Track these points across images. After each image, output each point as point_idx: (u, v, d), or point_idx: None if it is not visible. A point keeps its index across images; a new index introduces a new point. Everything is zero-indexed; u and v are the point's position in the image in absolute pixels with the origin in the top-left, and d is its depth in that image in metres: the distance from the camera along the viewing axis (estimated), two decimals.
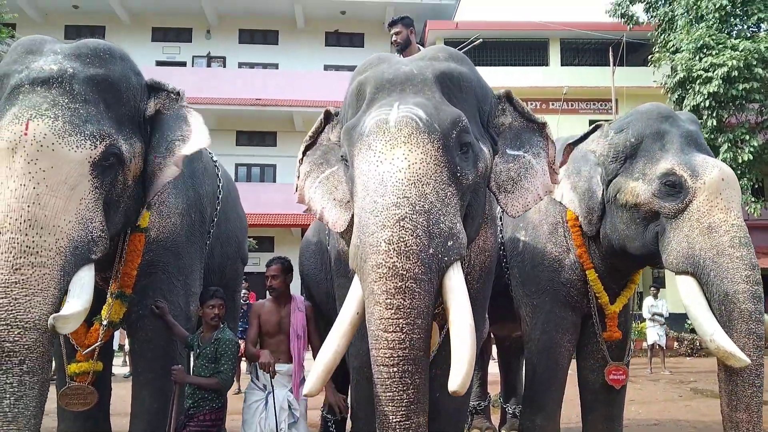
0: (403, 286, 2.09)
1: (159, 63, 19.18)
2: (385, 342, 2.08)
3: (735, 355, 2.98)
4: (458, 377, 2.08)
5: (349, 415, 3.82)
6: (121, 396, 3.88)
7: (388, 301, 2.09)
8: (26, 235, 2.35)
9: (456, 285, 2.28)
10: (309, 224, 5.53)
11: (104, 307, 3.11)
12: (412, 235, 2.14)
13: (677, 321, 14.72)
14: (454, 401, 2.90)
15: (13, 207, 2.35)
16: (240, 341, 3.83)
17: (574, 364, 4.12)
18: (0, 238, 2.33)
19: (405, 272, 2.10)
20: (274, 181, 18.84)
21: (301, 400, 3.71)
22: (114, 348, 5.86)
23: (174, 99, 3.12)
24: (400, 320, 2.08)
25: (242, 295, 9.22)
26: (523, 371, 4.91)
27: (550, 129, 3.00)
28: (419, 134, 2.30)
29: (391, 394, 2.09)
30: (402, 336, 2.07)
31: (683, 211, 3.33)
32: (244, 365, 5.26)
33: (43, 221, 2.39)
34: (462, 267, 2.42)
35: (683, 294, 3.32)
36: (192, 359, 3.68)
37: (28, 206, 2.37)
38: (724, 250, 3.17)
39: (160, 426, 3.31)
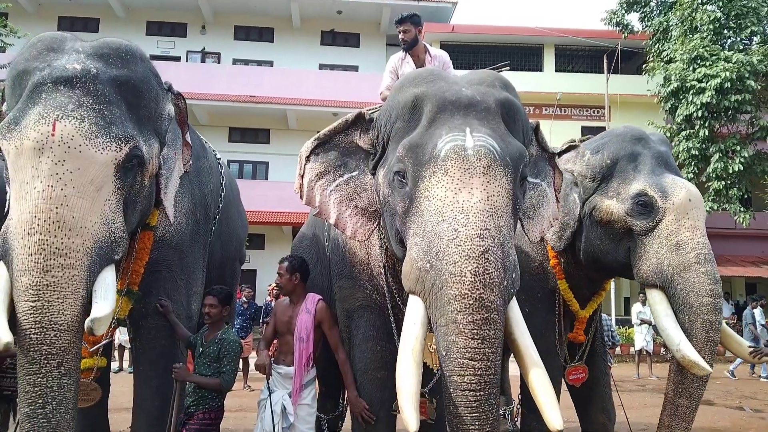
0: (489, 317, 2.15)
1: (153, 57, 18.50)
2: (472, 370, 2.14)
3: (698, 364, 3.26)
4: (556, 418, 2.24)
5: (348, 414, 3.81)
6: (112, 391, 3.87)
7: (475, 331, 2.14)
8: (55, 236, 2.34)
9: (517, 316, 2.42)
10: (301, 222, 5.51)
11: None
12: (494, 268, 2.19)
13: None
14: None
15: (42, 208, 2.34)
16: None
17: None
18: (29, 239, 2.33)
19: (490, 304, 2.16)
20: (266, 178, 18.81)
21: (301, 405, 3.63)
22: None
23: (176, 102, 3.18)
24: (486, 349, 2.14)
25: (246, 293, 9.22)
26: (509, 372, 4.94)
27: (557, 159, 3.20)
28: (497, 166, 2.34)
29: (478, 414, 2.15)
30: (488, 364, 2.15)
31: (653, 229, 3.57)
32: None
33: (71, 222, 2.38)
34: None
35: (652, 305, 3.60)
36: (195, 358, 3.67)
37: (56, 207, 2.36)
38: (691, 266, 3.41)
39: (161, 424, 3.31)
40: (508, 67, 4.26)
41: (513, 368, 6.15)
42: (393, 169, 2.58)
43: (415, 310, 2.39)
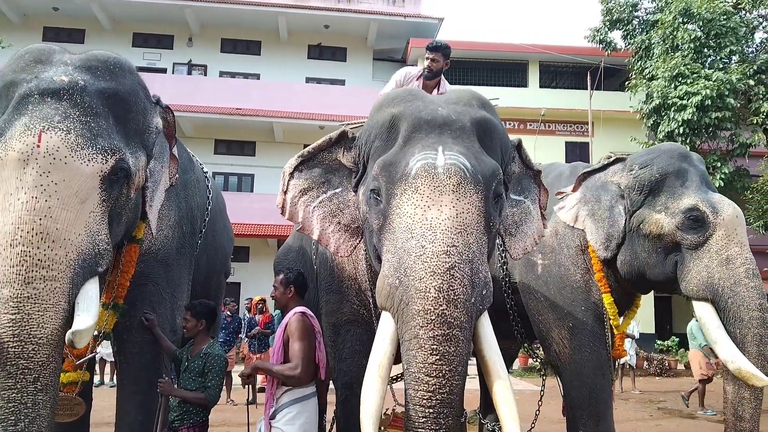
0: (450, 334, 2.14)
1: (139, 69, 18.34)
2: (426, 385, 2.13)
3: (756, 375, 3.32)
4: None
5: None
6: (93, 405, 3.82)
7: (434, 347, 2.13)
8: (38, 248, 2.32)
9: (487, 332, 2.39)
10: (286, 235, 5.47)
11: None
12: (460, 284, 2.19)
13: (646, 341, 14.98)
14: None
15: (25, 219, 2.32)
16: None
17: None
18: (11, 250, 2.30)
19: (453, 320, 2.15)
20: (252, 190, 18.74)
21: (275, 428, 3.35)
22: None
23: (164, 116, 3.19)
24: (443, 366, 2.13)
25: (230, 306, 9.15)
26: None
27: (542, 176, 3.23)
28: (466, 184, 2.36)
29: (424, 430, 2.13)
30: (443, 381, 2.13)
31: (703, 243, 3.64)
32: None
33: (54, 234, 2.36)
34: None
35: (700, 318, 3.63)
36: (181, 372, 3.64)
37: (40, 219, 2.34)
38: (741, 280, 3.52)
39: None
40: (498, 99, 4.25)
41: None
42: (369, 187, 2.62)
43: (385, 326, 2.40)
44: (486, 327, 2.40)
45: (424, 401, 2.12)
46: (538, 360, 5.14)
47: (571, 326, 3.99)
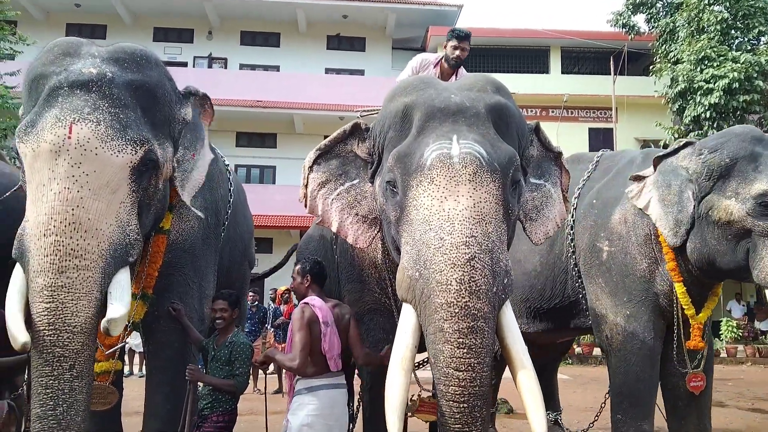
0: (475, 326, 2.14)
1: None
2: (457, 380, 2.13)
3: None
4: (540, 423, 2.23)
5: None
6: (123, 395, 3.89)
7: (461, 340, 2.13)
8: (71, 237, 2.37)
9: (510, 322, 2.38)
10: (308, 226, 5.49)
11: None
12: (481, 275, 2.19)
13: None
14: None
15: (58, 210, 2.38)
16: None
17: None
18: (45, 240, 2.36)
19: (476, 312, 2.15)
20: (274, 182, 18.85)
21: (289, 416, 3.32)
22: None
23: (203, 103, 3.29)
24: (472, 359, 2.13)
25: (250, 297, 9.25)
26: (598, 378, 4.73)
27: (564, 158, 3.17)
28: (483, 172, 2.34)
29: (460, 426, 2.15)
30: (473, 375, 2.13)
31: None
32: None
33: (86, 224, 2.42)
34: None
35: None
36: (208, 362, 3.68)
37: (73, 209, 2.39)
38: None
39: (173, 427, 3.31)
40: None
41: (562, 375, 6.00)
42: (385, 178, 2.62)
43: (406, 319, 2.40)
44: (508, 316, 2.40)
45: (457, 396, 2.13)
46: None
47: (627, 314, 3.90)
